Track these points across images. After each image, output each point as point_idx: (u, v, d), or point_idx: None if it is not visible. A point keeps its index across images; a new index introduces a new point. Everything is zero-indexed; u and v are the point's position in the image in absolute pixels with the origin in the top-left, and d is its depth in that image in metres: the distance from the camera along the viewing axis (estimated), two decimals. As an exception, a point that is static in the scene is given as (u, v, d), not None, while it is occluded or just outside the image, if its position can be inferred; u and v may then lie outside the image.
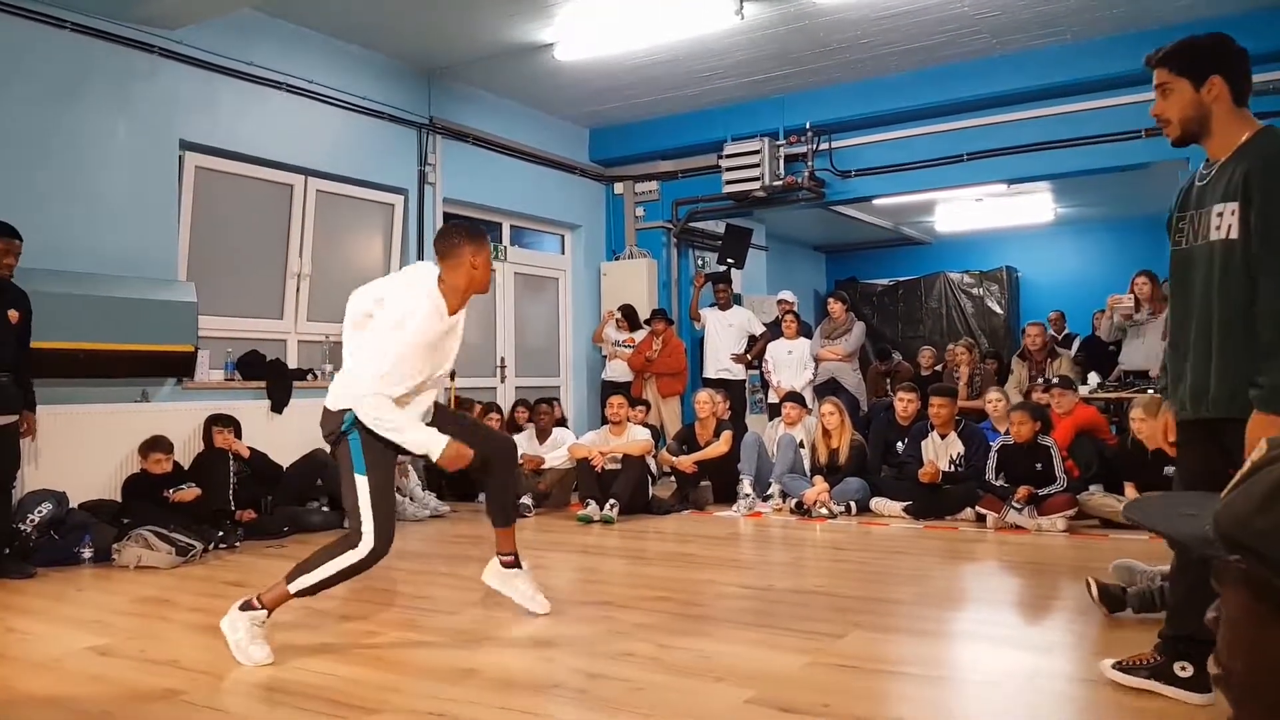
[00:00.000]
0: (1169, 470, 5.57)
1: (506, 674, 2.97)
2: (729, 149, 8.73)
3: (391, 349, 3.16)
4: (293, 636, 3.41)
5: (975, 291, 14.16)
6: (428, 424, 3.34)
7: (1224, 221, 2.37)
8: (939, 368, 8.84)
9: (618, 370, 8.75)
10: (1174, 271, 2.57)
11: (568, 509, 6.85)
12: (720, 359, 8.65)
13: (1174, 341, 2.60)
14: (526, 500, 6.66)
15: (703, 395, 7.25)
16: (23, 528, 4.82)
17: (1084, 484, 5.96)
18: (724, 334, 8.69)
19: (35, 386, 4.83)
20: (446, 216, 8.21)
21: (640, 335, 8.77)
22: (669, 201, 9.70)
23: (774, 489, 6.74)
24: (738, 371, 8.66)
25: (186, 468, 5.69)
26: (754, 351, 8.71)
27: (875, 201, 10.22)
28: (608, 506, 6.27)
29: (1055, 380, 6.83)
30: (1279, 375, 2.24)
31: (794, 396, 7.28)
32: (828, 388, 7.94)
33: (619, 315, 8.84)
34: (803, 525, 6.12)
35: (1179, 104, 2.46)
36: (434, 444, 3.22)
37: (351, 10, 6.66)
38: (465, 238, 3.39)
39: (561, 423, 7.60)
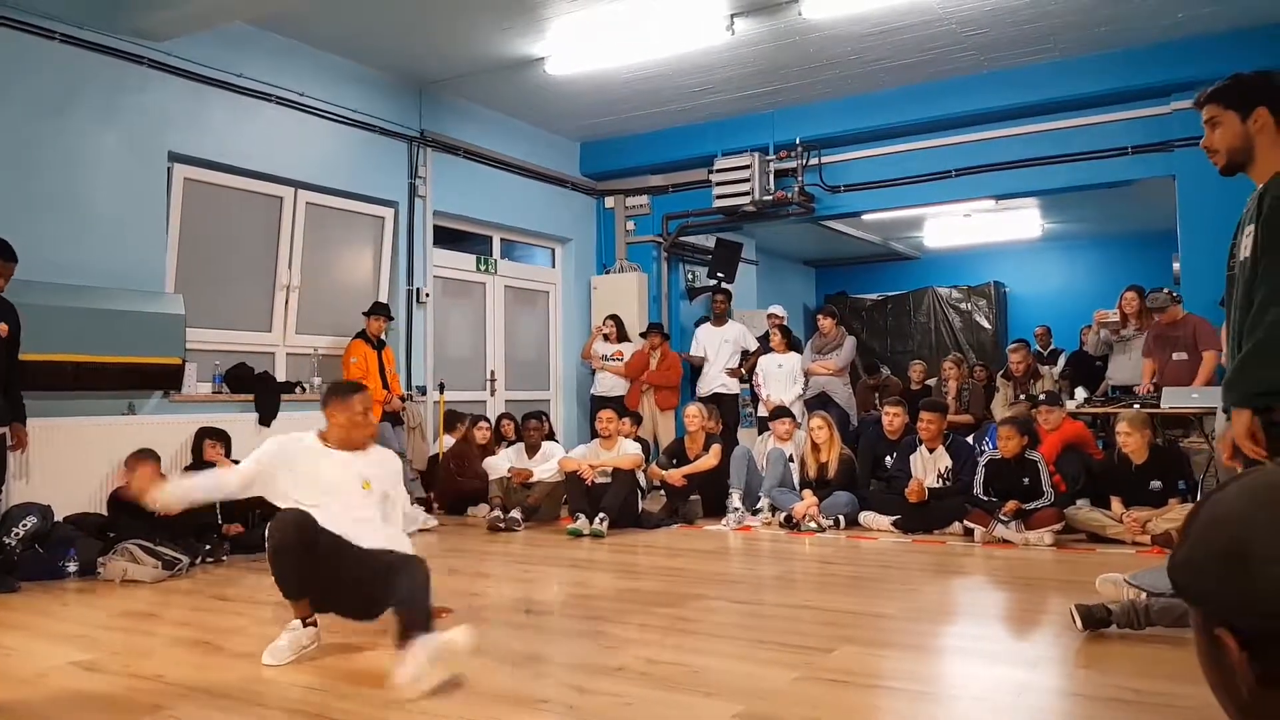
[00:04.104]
0: (1155, 484, 5.65)
1: (496, 689, 2.96)
2: (719, 164, 8.76)
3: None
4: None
5: (964, 306, 14.23)
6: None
7: (1249, 241, 2.50)
8: (929, 382, 8.87)
9: (607, 385, 8.75)
10: (1227, 295, 2.69)
11: (557, 522, 6.83)
12: (715, 374, 8.65)
13: (1228, 362, 2.70)
14: (515, 514, 6.65)
15: (692, 409, 7.26)
16: (7, 541, 4.78)
17: (1071, 498, 5.98)
18: (720, 350, 8.69)
19: (23, 398, 4.81)
20: (437, 229, 8.22)
21: (628, 346, 8.79)
22: (659, 215, 9.73)
23: (763, 503, 6.74)
24: (732, 386, 8.67)
25: (173, 481, 5.66)
26: (745, 366, 8.73)
27: (864, 216, 10.28)
28: (597, 520, 6.26)
29: (1042, 397, 6.86)
30: (1240, 370, 2.43)
31: (783, 412, 7.27)
32: (818, 402, 7.96)
33: (608, 328, 8.85)
34: (792, 539, 6.12)
35: (1227, 135, 2.56)
36: None
37: (342, 24, 6.68)
38: (326, 395, 3.67)
39: (550, 436, 7.59)
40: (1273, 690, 0.82)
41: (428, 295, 8.02)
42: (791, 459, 6.88)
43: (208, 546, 5.29)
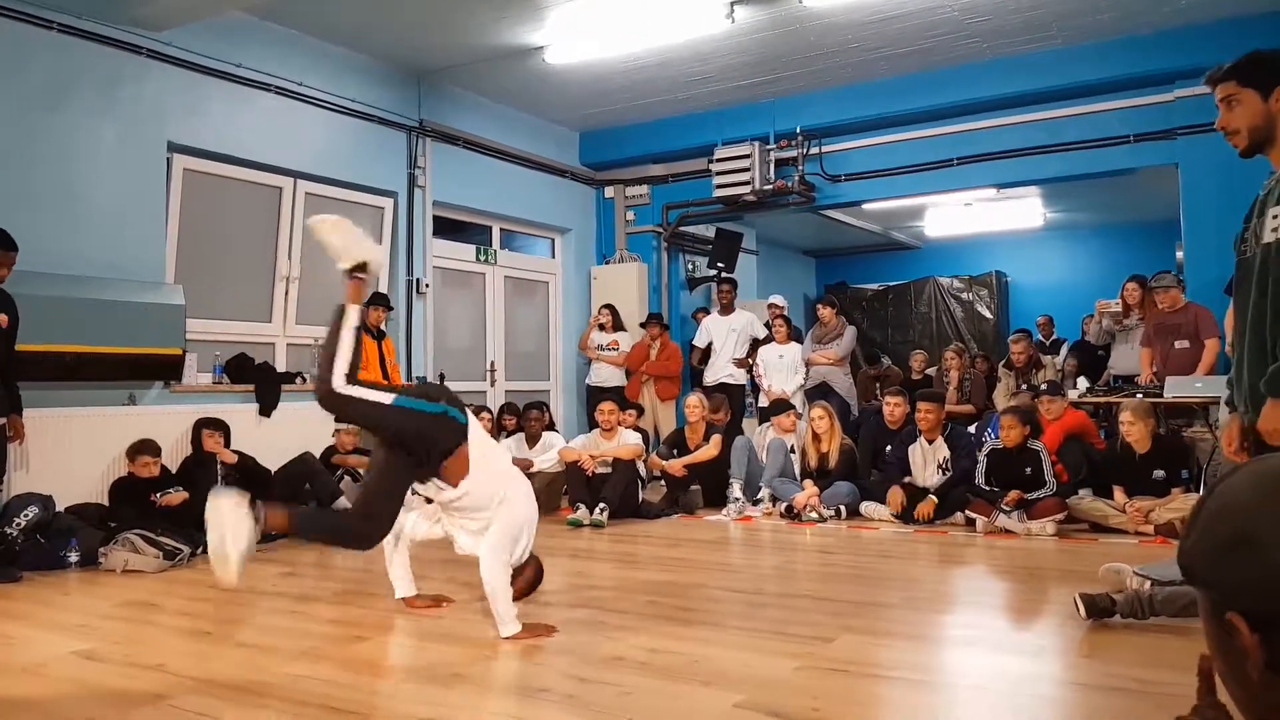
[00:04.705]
0: (1158, 474, 5.63)
1: (494, 678, 2.96)
2: (719, 153, 8.74)
3: None
4: (278, 640, 3.39)
5: (965, 296, 14.21)
6: None
7: (1277, 223, 2.39)
8: (930, 372, 8.85)
9: (603, 375, 8.74)
10: (1235, 280, 2.57)
11: (558, 513, 6.82)
12: (723, 364, 8.62)
13: (1235, 350, 2.58)
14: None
15: (693, 399, 7.25)
16: (9, 531, 4.78)
17: (1073, 488, 5.97)
18: (727, 339, 8.66)
19: (22, 389, 4.81)
20: (436, 220, 8.20)
21: (624, 336, 8.78)
22: (659, 205, 9.71)
23: (764, 493, 6.73)
24: (739, 376, 8.65)
25: (174, 471, 5.65)
26: (750, 356, 8.71)
27: (865, 206, 10.24)
28: (597, 510, 6.25)
29: (1044, 387, 6.85)
30: (1276, 379, 2.30)
31: (784, 405, 7.25)
32: (819, 391, 7.95)
33: (604, 317, 8.84)
34: (792, 529, 6.11)
35: (1247, 114, 2.47)
36: None
37: (341, 13, 6.65)
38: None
39: (551, 427, 7.58)
40: None
41: (427, 286, 8.01)
42: (792, 449, 6.88)
43: (209, 537, 5.28)
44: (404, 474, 3.40)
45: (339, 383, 3.28)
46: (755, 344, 8.66)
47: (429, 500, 3.64)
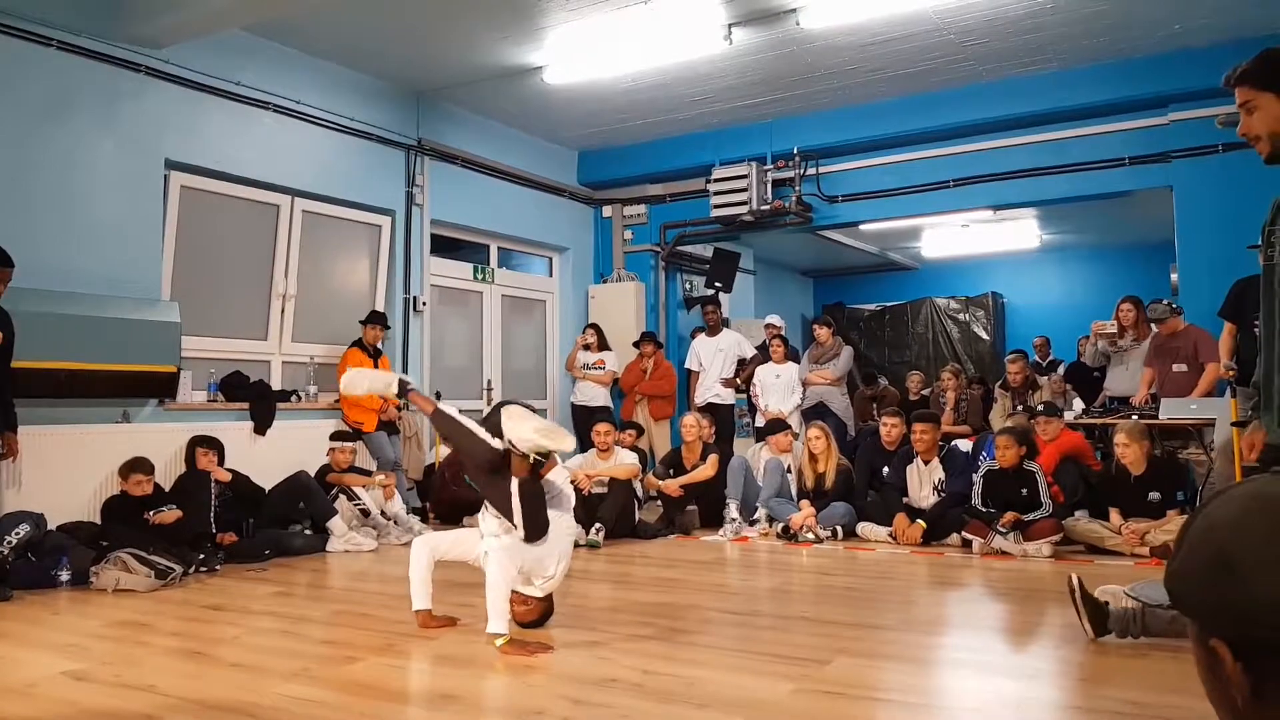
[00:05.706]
0: (1153, 496, 5.62)
1: (488, 700, 2.94)
2: (717, 173, 8.77)
3: None
4: (270, 660, 3.37)
5: (961, 317, 14.24)
6: None
7: None
8: (926, 392, 8.86)
9: (588, 394, 8.73)
10: (1264, 286, 2.42)
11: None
12: (710, 384, 8.64)
13: (1266, 360, 2.43)
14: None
15: (689, 419, 7.24)
16: (-1, 549, 4.76)
17: (1069, 509, 5.96)
18: (715, 359, 8.68)
19: (15, 406, 4.79)
20: (434, 238, 8.21)
21: (609, 355, 8.77)
22: (657, 225, 9.74)
23: (760, 513, 6.71)
24: (727, 396, 8.65)
25: (167, 489, 5.62)
26: (743, 376, 8.71)
27: (862, 226, 10.28)
28: (593, 530, 6.23)
29: (1040, 408, 6.84)
30: None
31: (780, 425, 7.24)
32: (816, 412, 7.94)
33: (589, 337, 8.84)
34: (789, 550, 6.09)
35: (1267, 119, 2.32)
36: None
37: (340, 32, 6.68)
38: None
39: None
40: (1265, 702, 0.80)
41: (424, 304, 8.01)
42: (789, 469, 6.86)
43: (201, 556, 5.24)
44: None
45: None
46: (742, 363, 8.67)
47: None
